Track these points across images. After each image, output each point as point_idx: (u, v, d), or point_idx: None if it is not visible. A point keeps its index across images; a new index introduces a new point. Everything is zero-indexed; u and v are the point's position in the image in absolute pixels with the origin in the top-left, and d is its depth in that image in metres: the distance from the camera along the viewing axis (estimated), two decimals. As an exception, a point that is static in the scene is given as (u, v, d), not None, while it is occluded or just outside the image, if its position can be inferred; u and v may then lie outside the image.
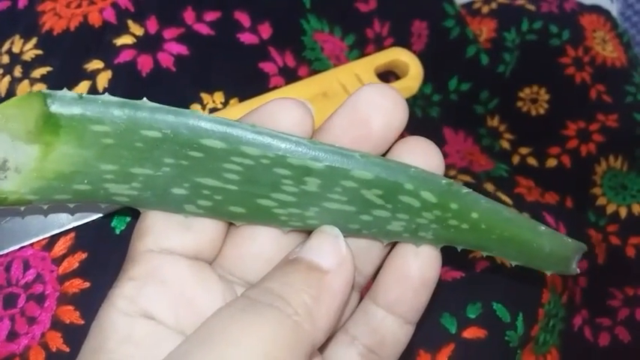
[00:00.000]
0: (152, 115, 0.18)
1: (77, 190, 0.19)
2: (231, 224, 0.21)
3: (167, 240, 0.20)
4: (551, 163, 0.41)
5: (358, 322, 0.23)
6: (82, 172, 0.19)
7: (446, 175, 0.36)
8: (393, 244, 0.22)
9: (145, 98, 0.19)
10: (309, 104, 0.20)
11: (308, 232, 0.21)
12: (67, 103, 0.18)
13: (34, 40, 0.30)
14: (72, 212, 0.25)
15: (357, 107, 0.20)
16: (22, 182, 0.19)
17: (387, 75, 0.33)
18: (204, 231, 0.21)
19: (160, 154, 0.19)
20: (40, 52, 0.30)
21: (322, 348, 0.23)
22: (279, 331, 0.17)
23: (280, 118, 0.20)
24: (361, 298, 0.23)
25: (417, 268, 0.21)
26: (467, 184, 0.36)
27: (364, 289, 0.24)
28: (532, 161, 0.42)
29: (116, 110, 0.18)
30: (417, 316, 0.22)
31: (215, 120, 0.19)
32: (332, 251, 0.19)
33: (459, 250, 0.22)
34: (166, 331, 0.19)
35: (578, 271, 0.23)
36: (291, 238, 0.21)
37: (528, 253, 0.21)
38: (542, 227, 0.21)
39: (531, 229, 0.21)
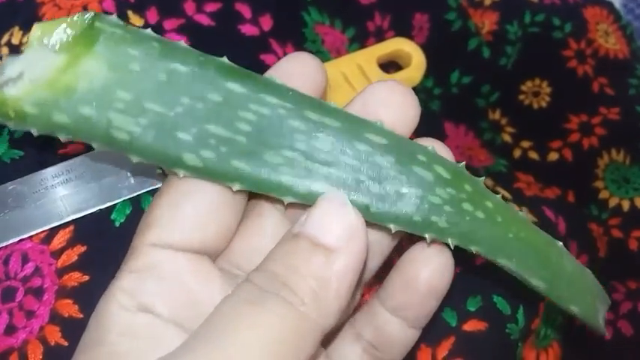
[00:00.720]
0: (185, 50, 0.19)
1: (80, 114, 0.18)
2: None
3: (171, 234, 0.20)
4: (553, 156, 0.41)
5: (363, 319, 0.22)
6: (95, 94, 0.18)
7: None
8: (400, 244, 0.22)
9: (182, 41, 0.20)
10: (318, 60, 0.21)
11: None
12: (112, 22, 0.19)
13: (32, 32, 0.30)
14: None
15: (367, 104, 0.20)
16: (28, 90, 0.18)
17: (390, 65, 0.33)
18: (210, 228, 0.20)
19: (178, 93, 0.19)
20: (38, 43, 0.30)
21: (328, 342, 0.23)
22: (286, 326, 0.17)
23: (295, 69, 0.20)
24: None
25: (426, 276, 0.20)
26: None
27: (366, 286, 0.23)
28: (533, 155, 0.41)
29: (155, 41, 0.19)
30: (424, 323, 0.22)
31: (242, 68, 0.19)
32: (338, 223, 0.18)
33: (474, 252, 0.20)
34: (166, 324, 0.19)
35: (606, 334, 0.22)
36: None
37: (549, 268, 0.21)
38: (559, 243, 0.21)
39: (546, 236, 0.21)
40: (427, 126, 0.41)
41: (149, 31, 0.19)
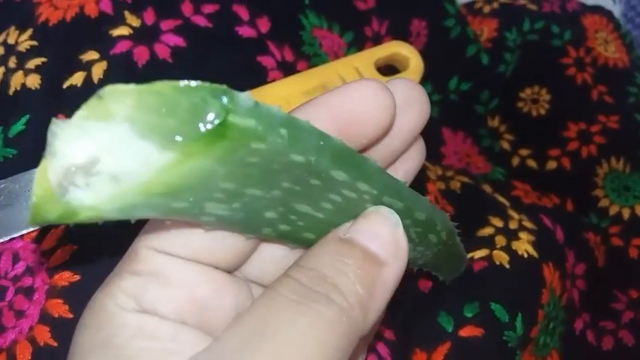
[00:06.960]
0: (310, 134, 0.16)
1: (171, 207, 0.15)
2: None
3: (178, 249, 0.18)
4: (551, 165, 0.41)
5: None
6: (197, 189, 0.15)
7: (443, 176, 0.36)
8: None
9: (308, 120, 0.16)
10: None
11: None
12: (244, 112, 0.14)
13: (29, 32, 0.30)
14: None
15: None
16: (113, 197, 0.14)
17: (387, 69, 0.33)
18: (219, 252, 0.18)
19: (282, 177, 0.16)
20: (35, 43, 0.30)
21: None
22: (338, 330, 0.16)
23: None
24: None
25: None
26: (465, 185, 0.36)
27: None
28: (532, 163, 0.41)
29: (282, 128, 0.15)
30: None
31: (352, 150, 0.17)
32: (391, 241, 0.18)
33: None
34: (176, 326, 0.18)
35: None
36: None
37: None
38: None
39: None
40: (425, 132, 0.41)
41: (275, 108, 0.15)
